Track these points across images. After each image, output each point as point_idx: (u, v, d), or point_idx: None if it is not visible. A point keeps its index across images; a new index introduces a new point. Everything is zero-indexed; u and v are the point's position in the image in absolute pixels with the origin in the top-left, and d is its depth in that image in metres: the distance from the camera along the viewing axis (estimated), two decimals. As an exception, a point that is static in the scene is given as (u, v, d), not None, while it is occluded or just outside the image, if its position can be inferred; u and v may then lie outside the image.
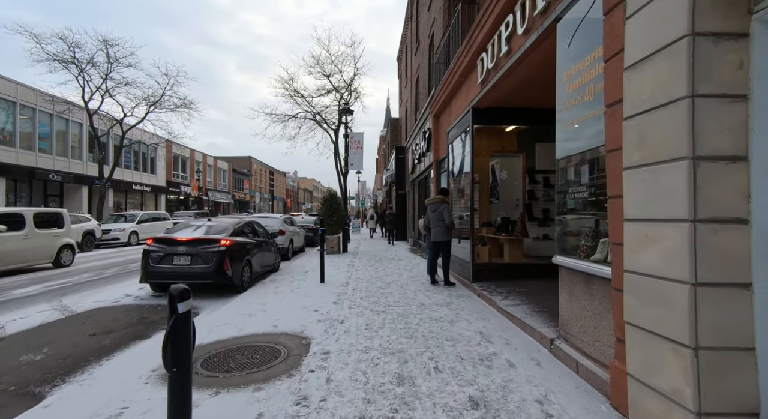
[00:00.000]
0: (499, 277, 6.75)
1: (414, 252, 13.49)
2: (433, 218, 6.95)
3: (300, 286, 7.44)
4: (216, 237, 7.01)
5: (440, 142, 9.67)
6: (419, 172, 13.68)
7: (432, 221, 6.99)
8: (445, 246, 6.91)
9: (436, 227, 6.90)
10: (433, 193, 10.42)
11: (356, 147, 13.96)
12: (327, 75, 20.17)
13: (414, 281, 7.69)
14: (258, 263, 8.37)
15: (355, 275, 8.50)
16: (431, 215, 6.99)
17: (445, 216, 6.79)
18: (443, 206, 6.86)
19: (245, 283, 7.45)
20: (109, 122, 20.45)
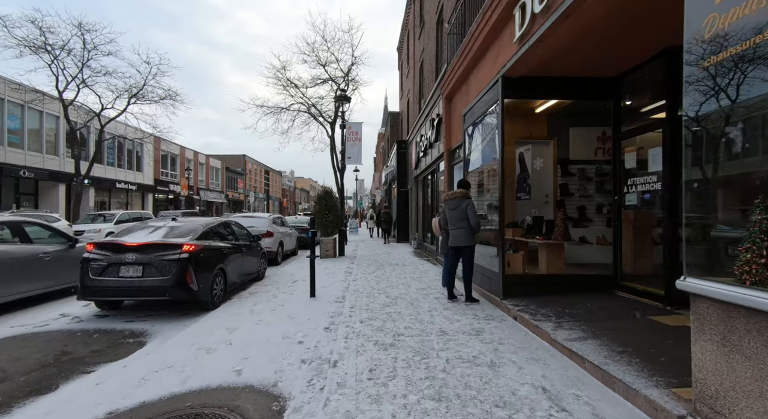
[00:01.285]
0: (535, 292, 5.32)
1: (419, 256, 12.05)
2: (452, 217, 5.52)
3: (285, 302, 5.98)
4: (177, 241, 5.54)
5: (453, 128, 8.24)
6: (425, 166, 12.25)
7: (451, 221, 5.55)
8: (467, 253, 5.48)
9: (456, 228, 5.47)
10: (443, 187, 8.98)
11: (354, 138, 12.53)
12: (323, 64, 18.66)
13: (426, 295, 6.24)
14: (235, 271, 6.92)
15: (354, 287, 7.04)
16: (450, 213, 5.56)
17: (470, 215, 5.37)
18: (466, 203, 5.43)
19: (216, 298, 5.99)
20: (87, 114, 18.87)
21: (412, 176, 15.58)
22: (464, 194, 5.52)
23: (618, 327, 3.82)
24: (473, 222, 5.35)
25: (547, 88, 5.40)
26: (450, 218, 5.56)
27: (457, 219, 5.45)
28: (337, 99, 12.11)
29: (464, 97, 7.39)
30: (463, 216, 5.42)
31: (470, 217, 5.36)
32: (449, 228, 5.59)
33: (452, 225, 5.52)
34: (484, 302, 5.61)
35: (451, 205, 5.54)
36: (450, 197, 5.60)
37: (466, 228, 5.41)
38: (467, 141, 7.15)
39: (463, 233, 5.41)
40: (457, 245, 5.47)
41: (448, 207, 5.59)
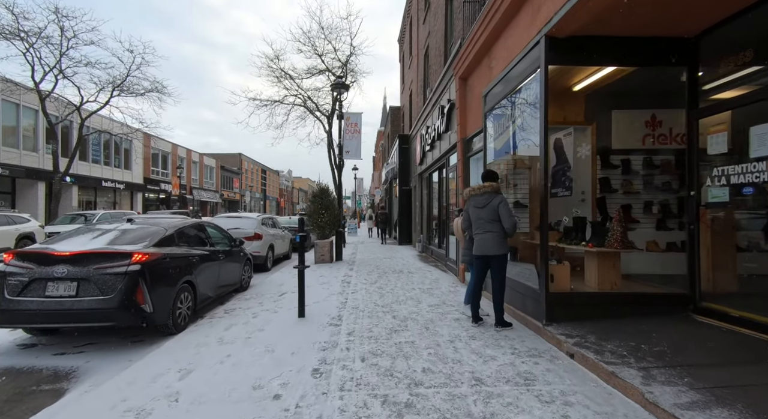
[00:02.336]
0: (587, 315, 4.11)
1: (425, 261, 10.83)
2: (479, 218, 4.30)
3: (266, 324, 4.75)
4: (126, 249, 4.31)
5: (470, 113, 7.03)
6: (431, 161, 11.03)
7: (477, 223, 4.34)
8: (498, 263, 4.26)
9: (484, 232, 4.25)
10: (457, 184, 7.76)
11: (353, 131, 11.32)
12: (319, 54, 17.45)
13: (442, 315, 5.02)
14: (209, 284, 5.70)
15: (352, 302, 5.82)
16: (476, 213, 4.34)
17: (503, 215, 4.16)
18: (498, 200, 4.22)
19: (181, 320, 4.77)
20: (65, 107, 17.57)
21: (416, 173, 14.36)
22: (494, 188, 4.31)
23: (746, 380, 2.61)
24: (508, 224, 4.14)
25: (602, 52, 4.18)
26: (476, 219, 4.34)
27: (486, 221, 4.24)
28: (335, 87, 10.89)
29: (485, 75, 6.18)
30: (494, 217, 4.21)
31: (503, 217, 4.15)
32: (475, 232, 4.37)
33: (479, 228, 4.31)
34: (519, 328, 4.39)
35: (478, 202, 4.33)
36: (476, 193, 4.38)
37: (497, 232, 4.20)
38: (489, 127, 5.94)
39: (494, 239, 4.19)
40: (485, 253, 4.25)
41: (474, 205, 4.38)
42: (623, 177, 5.83)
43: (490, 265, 4.30)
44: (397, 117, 22.55)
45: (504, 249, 4.21)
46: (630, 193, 5.77)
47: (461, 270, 7.30)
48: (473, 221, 4.39)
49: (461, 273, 7.32)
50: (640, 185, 5.77)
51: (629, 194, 5.76)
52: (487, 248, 4.21)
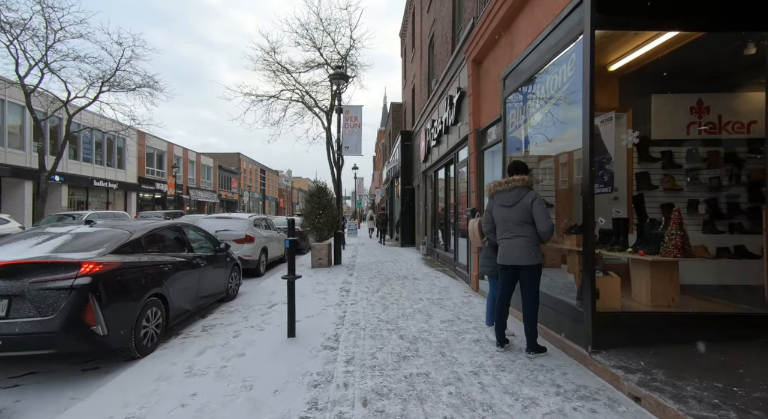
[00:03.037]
0: (643, 340, 3.31)
1: (431, 265, 10.04)
2: (507, 218, 3.51)
3: (248, 347, 3.96)
4: (74, 258, 3.52)
5: (484, 100, 6.23)
6: (437, 157, 10.24)
7: (503, 224, 3.54)
8: (531, 275, 3.46)
9: (513, 236, 3.46)
10: (469, 181, 6.97)
11: (353, 125, 10.53)
12: (318, 47, 16.68)
13: (458, 334, 4.22)
14: (187, 295, 4.92)
15: (352, 316, 5.03)
16: (502, 213, 3.54)
17: (538, 216, 3.37)
18: (531, 197, 3.43)
19: (147, 341, 3.98)
20: (51, 103, 16.78)
21: (420, 171, 13.57)
22: (526, 182, 3.51)
23: None
24: (544, 227, 3.34)
25: (663, 10, 3.38)
26: (502, 219, 3.54)
27: (516, 223, 3.44)
28: (333, 78, 10.10)
29: (503, 55, 5.39)
30: (525, 218, 3.41)
31: (538, 219, 3.36)
32: (501, 236, 3.57)
33: (506, 231, 3.51)
34: (555, 354, 3.60)
35: (506, 199, 3.53)
36: (503, 188, 3.57)
37: (528, 237, 3.40)
38: (509, 114, 5.15)
39: (525, 245, 3.40)
40: (513, 263, 3.45)
41: (500, 203, 3.57)
42: (664, 172, 5.03)
43: (519, 277, 3.51)
44: (399, 114, 21.76)
45: (537, 258, 3.41)
46: (671, 190, 4.97)
47: (474, 278, 6.50)
48: (499, 223, 3.59)
49: (474, 281, 6.52)
50: (683, 180, 4.98)
51: (670, 191, 4.96)
52: (517, 257, 3.42)
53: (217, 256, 6.13)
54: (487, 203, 3.76)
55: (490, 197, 3.72)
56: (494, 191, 3.65)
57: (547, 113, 4.21)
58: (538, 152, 4.65)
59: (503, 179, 3.61)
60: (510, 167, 3.73)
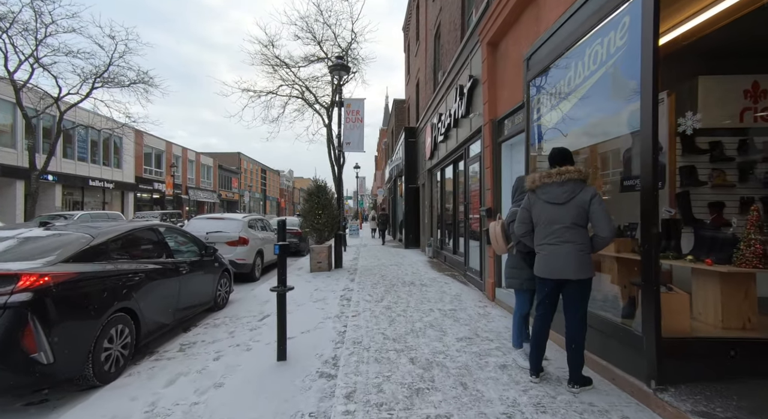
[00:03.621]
0: (721, 373, 2.63)
1: (438, 269, 9.37)
2: (553, 219, 2.82)
3: (228, 375, 3.30)
4: (11, 269, 2.87)
5: (502, 86, 5.56)
6: (445, 154, 9.57)
7: (548, 227, 2.84)
8: (580, 292, 2.75)
9: (560, 241, 2.77)
10: (481, 178, 6.29)
11: (355, 119, 9.87)
12: (318, 41, 16.05)
13: (480, 357, 3.56)
14: (163, 308, 4.28)
15: (353, 332, 4.36)
16: (550, 212, 2.84)
17: (598, 217, 2.68)
18: (589, 193, 2.73)
19: (111, 365, 3.34)
20: (41, 99, 16.18)
21: (425, 169, 12.91)
22: (583, 175, 2.81)
23: None
24: (605, 231, 2.66)
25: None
26: (547, 220, 2.83)
27: (567, 225, 2.74)
28: (333, 69, 9.45)
29: (527, 31, 4.72)
30: (578, 220, 2.72)
31: (599, 221, 2.67)
32: (543, 241, 2.86)
33: (551, 235, 2.81)
34: (602, 386, 2.92)
35: (555, 195, 2.81)
36: (553, 180, 2.84)
37: (580, 244, 2.71)
38: (535, 99, 4.48)
39: (576, 254, 2.70)
40: (561, 276, 2.75)
41: (546, 199, 2.86)
42: (712, 166, 4.33)
43: (563, 293, 2.83)
44: (402, 111, 21.10)
45: (589, 270, 2.73)
46: (721, 186, 4.27)
47: (489, 285, 5.83)
48: (541, 225, 2.89)
49: (489, 289, 5.85)
50: (735, 175, 4.30)
51: (720, 187, 4.26)
52: (564, 268, 2.73)
53: (203, 261, 5.49)
54: (525, 200, 3.07)
55: (530, 190, 3.02)
56: (539, 183, 2.93)
57: (585, 94, 3.54)
58: (573, 141, 3.96)
59: (553, 169, 2.92)
60: (556, 154, 3.01)
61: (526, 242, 3.08)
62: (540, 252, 2.90)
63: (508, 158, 5.63)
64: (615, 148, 3.74)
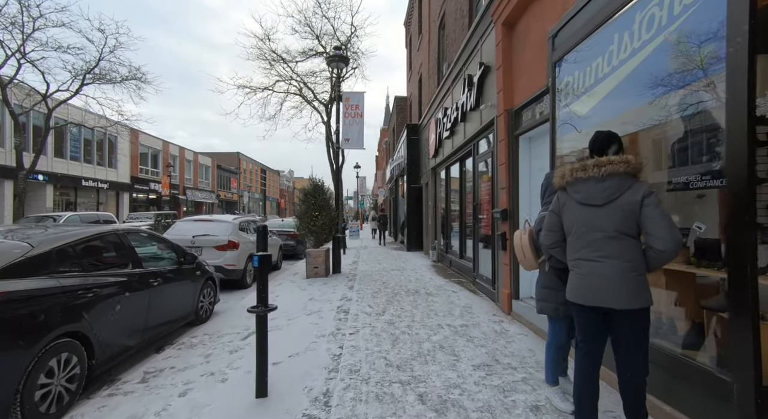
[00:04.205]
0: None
1: (444, 274, 8.71)
2: (592, 225, 2.12)
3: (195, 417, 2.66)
4: None
5: (520, 71, 4.91)
6: (451, 151, 8.92)
7: (586, 235, 2.15)
8: (637, 324, 2.06)
9: (602, 256, 2.08)
10: (493, 176, 5.64)
11: (354, 114, 9.23)
12: (316, 35, 15.44)
13: (503, 391, 2.90)
14: (126, 328, 3.64)
15: (350, 358, 3.71)
16: (587, 217, 2.16)
17: (655, 223, 1.97)
18: (641, 191, 2.03)
19: (48, 406, 2.70)
20: (28, 96, 15.57)
21: (428, 168, 12.26)
22: (632, 166, 2.10)
23: None
24: (667, 243, 1.94)
25: None
26: (584, 226, 2.16)
27: (609, 234, 2.07)
28: (331, 60, 8.82)
29: (552, 6, 4.07)
30: (627, 227, 2.03)
31: (653, 227, 1.98)
32: (579, 256, 2.19)
33: (589, 247, 2.14)
34: (669, 439, 2.27)
35: (592, 194, 2.14)
36: (590, 174, 2.16)
37: (630, 260, 2.03)
38: (563, 82, 3.82)
39: (626, 274, 2.02)
40: (606, 305, 2.07)
41: (580, 199, 2.20)
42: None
43: (612, 327, 2.15)
44: (404, 108, 20.46)
45: (645, 297, 2.05)
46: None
47: (505, 297, 5.18)
48: (576, 234, 2.22)
49: (504, 301, 5.20)
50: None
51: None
52: (608, 294, 2.05)
53: (181, 270, 4.86)
54: (554, 201, 2.42)
55: (560, 188, 2.37)
56: (571, 178, 2.26)
57: (635, 69, 2.88)
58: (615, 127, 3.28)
59: (589, 160, 2.25)
60: (601, 139, 2.32)
61: (556, 255, 2.41)
62: (574, 270, 2.23)
63: (527, 152, 4.98)
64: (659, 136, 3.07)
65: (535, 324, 4.36)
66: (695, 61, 2.41)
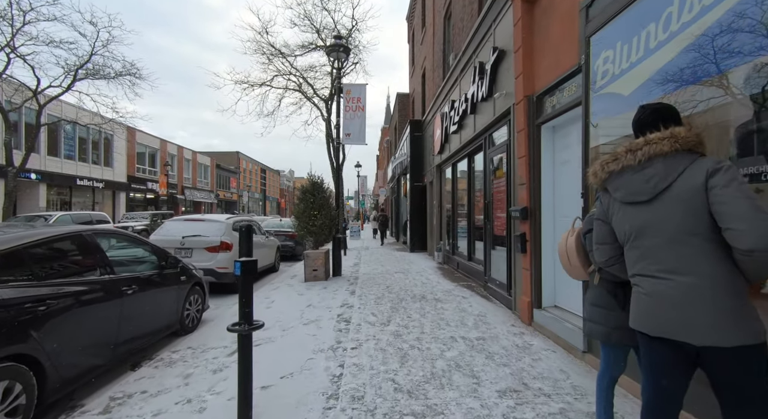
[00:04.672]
0: None
1: (451, 278, 8.18)
2: (651, 229, 1.54)
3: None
4: None
5: (544, 51, 4.37)
6: (458, 146, 8.39)
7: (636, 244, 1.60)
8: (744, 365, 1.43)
9: (664, 271, 1.50)
10: (510, 171, 5.10)
11: (356, 107, 8.70)
12: (317, 28, 14.94)
13: (541, 429, 2.38)
14: (89, 347, 3.14)
15: (352, 380, 3.18)
16: (631, 219, 1.60)
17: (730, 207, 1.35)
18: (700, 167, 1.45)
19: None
20: (15, 90, 15.07)
21: (433, 165, 11.73)
22: (687, 140, 1.51)
23: None
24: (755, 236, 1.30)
25: None
26: (633, 233, 1.61)
27: (673, 240, 1.49)
28: (332, 50, 8.30)
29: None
30: (694, 226, 1.44)
31: (733, 215, 1.35)
32: (642, 271, 1.59)
33: (648, 260, 1.56)
34: None
35: (636, 188, 1.58)
36: (622, 164, 1.63)
37: (715, 274, 1.42)
38: (600, 59, 3.29)
39: (711, 294, 1.42)
40: (689, 340, 1.46)
41: (623, 198, 1.64)
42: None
43: (706, 369, 1.52)
44: (406, 105, 19.94)
45: (753, 326, 1.42)
46: None
47: (524, 305, 4.64)
48: (635, 243, 1.63)
49: (524, 309, 4.66)
50: None
51: None
52: (689, 324, 1.45)
53: (163, 275, 4.34)
54: (597, 206, 1.85)
55: (601, 190, 1.82)
56: (604, 173, 1.72)
57: (703, 33, 2.34)
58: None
59: (626, 143, 1.68)
60: (644, 116, 1.72)
61: (617, 272, 1.83)
62: (639, 288, 1.63)
63: (550, 143, 4.45)
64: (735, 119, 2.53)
65: (562, 337, 3.82)
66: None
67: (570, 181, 4.06)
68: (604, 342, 2.12)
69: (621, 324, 1.95)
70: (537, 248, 4.47)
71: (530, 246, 4.54)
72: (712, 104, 2.37)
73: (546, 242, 4.42)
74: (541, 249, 4.45)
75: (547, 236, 4.42)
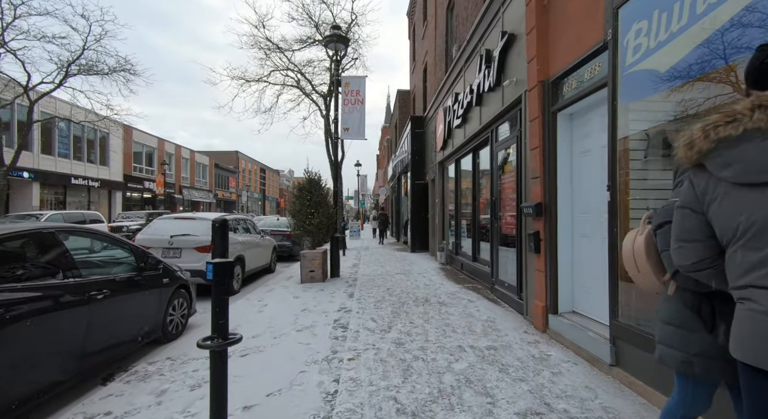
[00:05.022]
0: None
1: (455, 279, 7.78)
2: (761, 223, 1.14)
3: None
4: None
5: (560, 31, 3.97)
6: (462, 141, 7.99)
7: (754, 243, 1.16)
8: None
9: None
10: (522, 165, 4.70)
11: (355, 100, 8.31)
12: (315, 23, 14.56)
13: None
14: (49, 360, 2.73)
15: (347, 398, 2.77)
16: (750, 207, 1.16)
17: None
18: None
19: None
20: (7, 86, 14.69)
21: (435, 162, 11.34)
22: None
23: None
24: None
25: None
26: (757, 224, 1.16)
27: None
28: (330, 41, 7.91)
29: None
30: None
31: None
32: (749, 280, 1.18)
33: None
34: None
35: (758, 164, 1.15)
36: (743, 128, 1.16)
37: None
38: (632, 32, 2.89)
39: None
40: None
41: (735, 178, 1.20)
42: None
43: None
44: (407, 102, 19.55)
45: None
46: None
47: (538, 311, 4.24)
48: (736, 241, 1.22)
49: (538, 315, 4.25)
50: None
51: None
52: None
53: (142, 277, 3.94)
54: (686, 189, 1.38)
55: (694, 165, 1.35)
56: (710, 143, 1.25)
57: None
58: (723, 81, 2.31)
59: (739, 102, 1.25)
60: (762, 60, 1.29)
61: (704, 279, 1.38)
62: (742, 304, 1.22)
63: (567, 132, 4.05)
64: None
65: (584, 347, 3.42)
66: None
67: (591, 173, 3.66)
68: (685, 373, 1.65)
69: (704, 349, 1.49)
70: (553, 247, 4.07)
71: (545, 246, 4.14)
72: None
73: (563, 241, 4.02)
74: (558, 249, 4.04)
75: (564, 234, 4.01)
